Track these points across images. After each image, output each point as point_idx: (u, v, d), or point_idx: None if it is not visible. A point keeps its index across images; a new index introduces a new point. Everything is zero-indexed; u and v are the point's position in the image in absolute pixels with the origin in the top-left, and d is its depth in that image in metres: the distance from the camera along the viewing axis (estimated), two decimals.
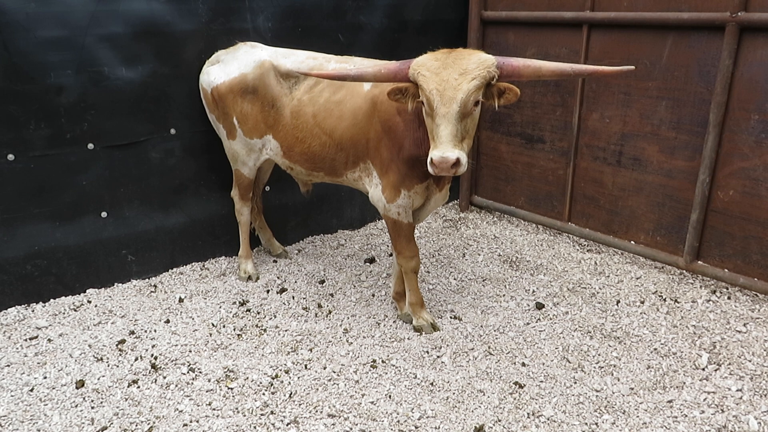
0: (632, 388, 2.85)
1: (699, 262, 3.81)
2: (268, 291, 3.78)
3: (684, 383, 2.88)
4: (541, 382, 2.91)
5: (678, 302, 3.59)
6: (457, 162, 2.44)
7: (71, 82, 3.38)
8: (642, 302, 3.60)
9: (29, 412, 2.69)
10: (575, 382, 2.90)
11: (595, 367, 3.01)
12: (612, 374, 2.96)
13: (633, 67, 2.54)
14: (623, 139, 4.04)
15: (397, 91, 2.65)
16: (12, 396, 2.79)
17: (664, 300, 3.62)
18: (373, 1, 4.31)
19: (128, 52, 3.51)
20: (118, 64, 3.49)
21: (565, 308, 3.55)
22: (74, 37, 3.33)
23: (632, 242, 4.14)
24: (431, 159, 2.46)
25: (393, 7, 4.42)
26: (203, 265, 4.09)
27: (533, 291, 3.76)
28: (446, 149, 2.44)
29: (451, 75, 2.47)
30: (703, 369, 2.98)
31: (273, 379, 2.92)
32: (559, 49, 4.26)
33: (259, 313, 3.52)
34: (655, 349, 3.14)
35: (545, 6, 4.27)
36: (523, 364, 3.03)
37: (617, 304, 3.59)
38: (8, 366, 3.01)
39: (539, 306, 3.57)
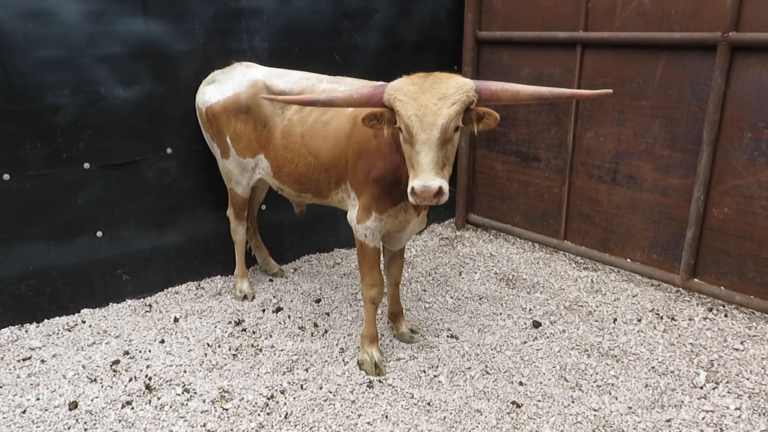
0: (630, 407, 2.83)
1: (695, 279, 3.81)
2: (263, 310, 3.76)
3: (682, 402, 2.86)
4: (539, 401, 2.88)
5: (675, 320, 3.59)
6: (440, 191, 2.34)
7: (68, 102, 3.39)
8: (639, 320, 3.59)
9: None
10: (573, 402, 2.88)
11: (592, 386, 2.99)
12: (610, 393, 2.94)
13: (611, 90, 2.50)
14: (618, 157, 4.06)
15: (371, 116, 2.52)
16: (4, 418, 2.76)
17: (661, 318, 3.61)
18: (369, 21, 4.36)
19: (125, 73, 3.53)
20: (115, 84, 3.51)
21: (562, 326, 3.54)
22: (72, 57, 3.35)
23: (628, 260, 4.15)
24: (412, 188, 2.35)
25: (388, 28, 4.46)
26: (199, 285, 4.07)
27: (530, 309, 3.75)
28: (428, 178, 2.32)
29: (430, 100, 2.36)
30: (701, 387, 2.97)
31: (268, 399, 2.90)
32: (553, 69, 4.30)
33: (254, 332, 3.49)
34: (653, 367, 3.13)
35: (539, 26, 4.32)
36: (521, 383, 3.01)
37: (614, 322, 3.58)
38: (0, 387, 2.98)
39: (536, 324, 3.56)
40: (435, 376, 3.08)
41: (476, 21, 4.66)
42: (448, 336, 3.45)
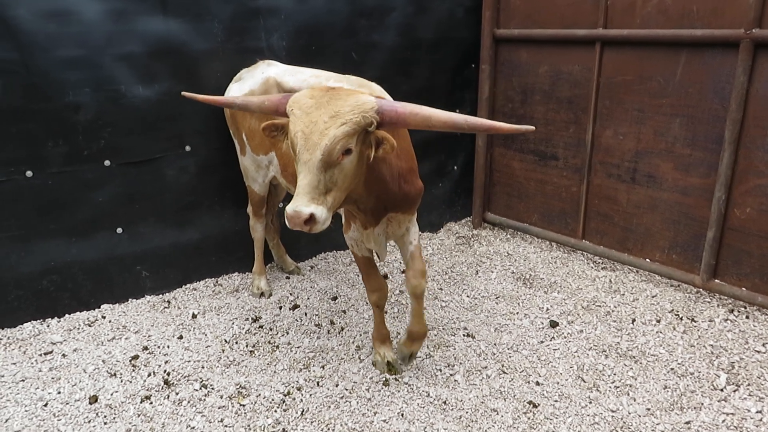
0: (649, 409, 2.80)
1: (716, 280, 3.76)
2: (280, 307, 3.78)
3: (702, 404, 2.83)
4: (556, 401, 2.87)
5: (695, 321, 3.54)
6: (311, 219, 2.11)
7: (89, 101, 3.43)
8: (658, 321, 3.55)
9: (43, 427, 2.70)
10: (590, 402, 2.86)
11: (610, 387, 2.97)
12: (628, 394, 2.91)
13: (533, 127, 2.16)
14: (637, 156, 4.02)
15: (272, 127, 2.34)
16: (26, 411, 2.80)
17: (681, 319, 3.57)
18: (386, 19, 4.36)
19: (145, 71, 3.57)
20: (134, 82, 3.55)
21: (579, 326, 3.51)
22: (92, 56, 3.40)
23: (647, 260, 4.10)
24: (286, 211, 2.15)
25: (405, 26, 4.45)
26: (216, 281, 4.11)
27: (547, 309, 3.72)
28: (300, 203, 2.10)
29: (321, 117, 2.13)
30: (722, 390, 2.92)
31: (285, 396, 2.91)
32: (571, 67, 4.27)
33: (271, 329, 3.52)
34: (672, 368, 3.09)
35: (558, 24, 4.29)
36: (537, 383, 3.00)
37: (633, 323, 3.54)
38: (23, 381, 3.03)
39: (553, 324, 3.53)
40: (451, 374, 3.08)
41: (494, 19, 4.63)
42: (464, 335, 3.44)
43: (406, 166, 2.68)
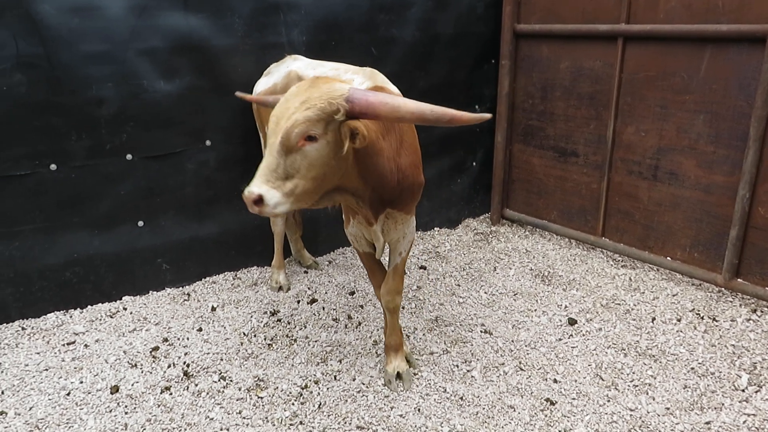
0: (668, 408, 2.77)
1: (738, 279, 3.70)
2: (298, 301, 3.80)
3: (723, 404, 2.79)
4: (574, 399, 2.85)
5: (716, 321, 3.49)
6: (260, 200, 2.09)
7: (111, 95, 3.48)
8: (678, 320, 3.51)
9: (65, 416, 2.75)
10: (608, 401, 2.83)
11: (629, 386, 2.94)
12: (647, 393, 2.88)
13: (489, 115, 2.19)
14: (659, 153, 3.97)
15: None
16: (50, 399, 2.86)
17: (702, 318, 3.52)
18: (405, 14, 4.34)
19: (166, 66, 3.60)
20: (156, 77, 3.59)
21: (598, 324, 3.48)
22: (115, 51, 3.44)
23: (668, 258, 4.05)
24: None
25: (425, 21, 4.44)
26: (235, 275, 4.14)
27: (566, 306, 3.70)
28: (254, 184, 2.10)
29: (294, 103, 2.13)
30: (743, 390, 2.88)
31: (302, 389, 2.94)
32: (593, 62, 4.22)
33: (289, 323, 3.54)
34: (692, 368, 3.06)
35: (579, 19, 4.24)
36: (555, 381, 2.98)
37: (652, 322, 3.50)
38: (46, 370, 3.09)
39: (572, 322, 3.51)
40: (468, 371, 3.07)
41: (515, 13, 4.59)
42: (481, 331, 3.43)
43: (407, 160, 2.58)
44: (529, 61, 4.65)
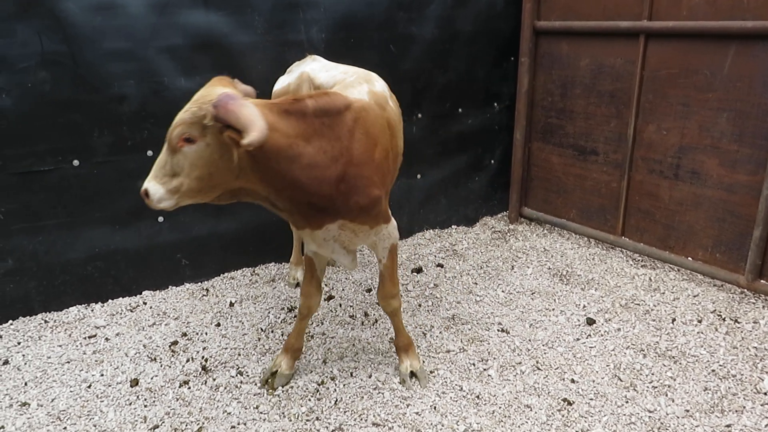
0: (688, 410, 2.74)
1: (762, 281, 3.64)
2: None
3: (744, 407, 2.75)
4: (591, 399, 2.83)
5: (738, 322, 3.44)
6: (146, 193, 2.20)
7: (133, 92, 3.52)
8: (699, 321, 3.46)
9: (86, 408, 2.80)
10: (627, 402, 2.81)
11: (648, 387, 2.91)
12: (666, 395, 2.85)
13: (257, 141, 2.05)
14: (681, 151, 3.91)
15: None
16: (71, 391, 2.91)
17: (723, 320, 3.47)
18: (425, 12, 4.33)
19: (187, 63, 3.63)
20: (177, 74, 3.62)
21: (617, 325, 3.45)
22: (137, 48, 3.48)
23: (689, 258, 3.99)
24: None
25: (444, 18, 4.42)
26: (253, 271, 4.17)
27: (584, 306, 3.67)
28: (147, 178, 2.22)
29: (188, 104, 2.19)
30: (765, 393, 2.84)
31: (319, 385, 2.95)
32: (614, 60, 4.17)
33: None
34: (713, 370, 3.01)
35: (600, 16, 4.20)
36: (573, 381, 2.96)
37: (672, 323, 3.46)
38: (68, 362, 3.14)
39: (590, 321, 3.48)
40: (485, 369, 3.06)
41: (534, 10, 4.56)
42: (498, 330, 3.42)
43: (354, 171, 2.43)
44: (549, 58, 4.61)
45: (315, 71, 3.37)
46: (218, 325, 3.50)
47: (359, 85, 2.71)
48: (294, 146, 2.28)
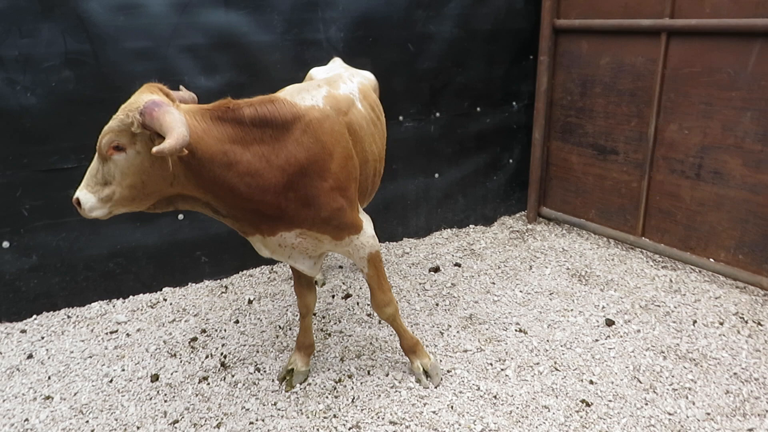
0: (708, 414, 2.71)
1: None
2: (333, 296, 3.83)
3: (767, 411, 2.71)
4: (610, 401, 2.81)
5: (761, 325, 3.39)
6: (77, 202, 2.15)
7: None
8: (721, 323, 3.41)
9: (108, 402, 2.84)
10: (646, 404, 2.78)
11: (668, 389, 2.88)
12: (686, 397, 2.82)
13: (183, 151, 2.00)
14: (703, 151, 3.86)
15: None
16: (93, 386, 2.96)
17: (746, 322, 3.42)
18: (443, 10, 4.32)
19: (207, 62, 3.67)
20: (197, 73, 3.66)
21: (636, 326, 3.41)
22: (158, 47, 3.52)
23: (711, 260, 3.94)
24: None
25: (463, 17, 4.41)
26: (272, 269, 4.20)
27: (603, 307, 3.64)
28: (79, 187, 2.17)
29: (118, 111, 2.13)
30: None
31: (336, 383, 2.96)
32: (635, 58, 4.13)
33: (324, 317, 3.57)
34: (735, 373, 2.97)
35: (621, 13, 4.15)
36: (591, 382, 2.94)
37: (693, 324, 3.42)
38: (90, 357, 3.19)
39: (609, 323, 3.45)
40: (502, 369, 3.05)
41: (554, 8, 4.53)
42: (516, 330, 3.41)
43: (306, 181, 2.39)
44: (569, 57, 4.58)
45: (316, 72, 3.35)
46: (237, 322, 3.53)
47: (315, 89, 2.61)
48: (229, 153, 2.21)
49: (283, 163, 2.32)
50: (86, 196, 2.15)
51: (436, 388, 2.91)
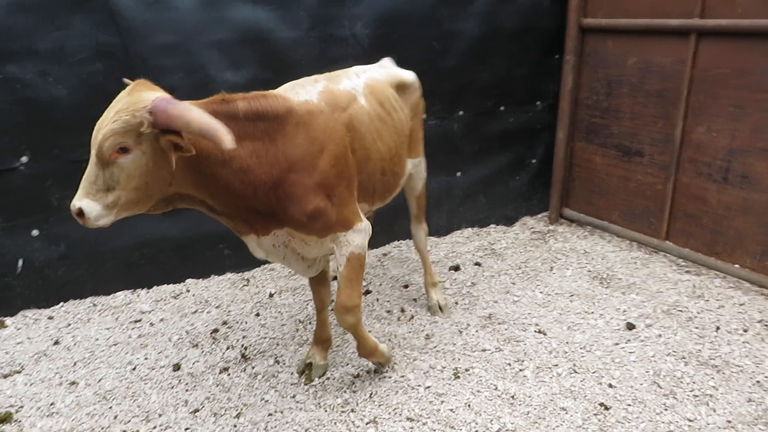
0: (729, 421, 2.67)
1: None
2: None
3: None
4: (629, 405, 2.78)
5: None
6: (80, 213, 2.06)
7: (182, 85, 3.61)
8: (745, 330, 3.36)
9: (131, 389, 2.90)
10: (666, 409, 2.75)
11: (688, 395, 2.85)
12: (707, 404, 2.78)
13: (232, 145, 2.02)
14: (731, 154, 3.79)
15: None
16: (117, 373, 3.02)
17: None
18: (468, 8, 4.31)
19: (233, 57, 3.71)
20: (223, 68, 3.70)
21: (658, 331, 3.38)
22: (185, 42, 3.57)
23: (737, 266, 3.88)
24: None
25: (488, 15, 4.39)
26: None
27: (624, 310, 3.60)
28: (76, 196, 2.07)
29: (110, 113, 2.06)
30: None
31: (355, 378, 2.99)
32: (663, 59, 4.07)
33: None
34: (758, 381, 2.93)
35: (649, 13, 4.10)
36: (610, 386, 2.92)
37: (716, 331, 3.37)
38: (115, 345, 3.26)
39: (630, 326, 3.42)
40: (520, 370, 3.05)
41: (581, 7, 4.48)
42: (535, 331, 3.39)
43: (292, 178, 2.37)
44: (595, 56, 4.53)
45: (358, 71, 3.29)
46: (258, 314, 3.57)
47: (311, 84, 2.59)
48: (220, 150, 2.19)
49: (273, 159, 2.31)
50: (90, 205, 2.06)
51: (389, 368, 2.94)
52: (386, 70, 3.19)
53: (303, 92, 2.51)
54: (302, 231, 2.51)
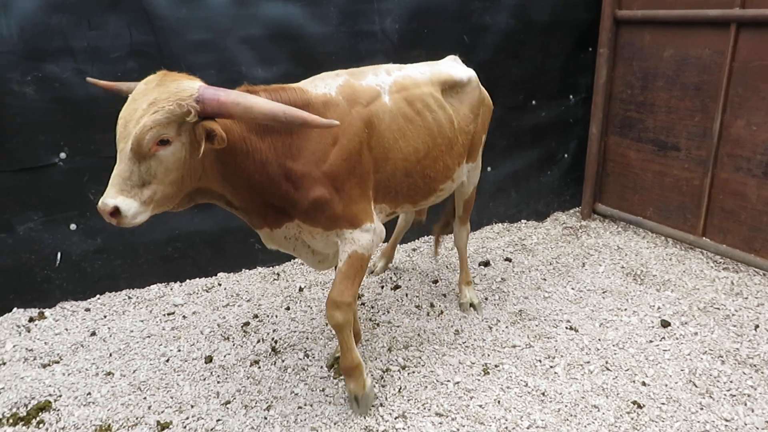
0: None
1: None
2: (382, 287, 3.86)
3: None
4: (663, 404, 2.73)
5: None
6: (116, 212, 1.96)
7: (214, 82, 3.56)
8: None
9: (164, 381, 2.96)
10: (701, 409, 2.69)
11: (725, 395, 2.77)
12: (745, 404, 2.71)
13: (337, 122, 2.13)
14: None
15: None
16: (151, 364, 3.09)
17: None
18: (500, 1, 4.26)
19: (264, 54, 3.74)
20: (254, 64, 3.73)
21: (694, 328, 3.30)
22: (217, 39, 3.61)
23: None
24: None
25: (520, 8, 4.34)
26: None
27: (658, 307, 3.53)
28: (107, 194, 1.96)
29: (141, 105, 1.98)
30: None
31: (384, 372, 2.99)
32: (701, 51, 3.96)
33: (373, 307, 3.61)
34: None
35: (686, 4, 3.99)
36: (644, 384, 2.86)
37: (755, 329, 3.28)
38: (149, 337, 3.33)
39: (665, 324, 3.35)
40: (551, 366, 3.01)
41: (615, 0, 4.39)
42: (566, 327, 3.35)
43: (300, 168, 2.36)
44: (630, 49, 4.44)
45: (417, 67, 3.06)
46: (288, 308, 3.61)
47: (332, 78, 2.59)
48: (247, 141, 2.22)
49: (287, 151, 2.33)
50: (127, 202, 1.97)
51: (362, 417, 2.68)
52: (432, 68, 3.00)
53: (322, 85, 2.52)
54: (308, 222, 2.51)
